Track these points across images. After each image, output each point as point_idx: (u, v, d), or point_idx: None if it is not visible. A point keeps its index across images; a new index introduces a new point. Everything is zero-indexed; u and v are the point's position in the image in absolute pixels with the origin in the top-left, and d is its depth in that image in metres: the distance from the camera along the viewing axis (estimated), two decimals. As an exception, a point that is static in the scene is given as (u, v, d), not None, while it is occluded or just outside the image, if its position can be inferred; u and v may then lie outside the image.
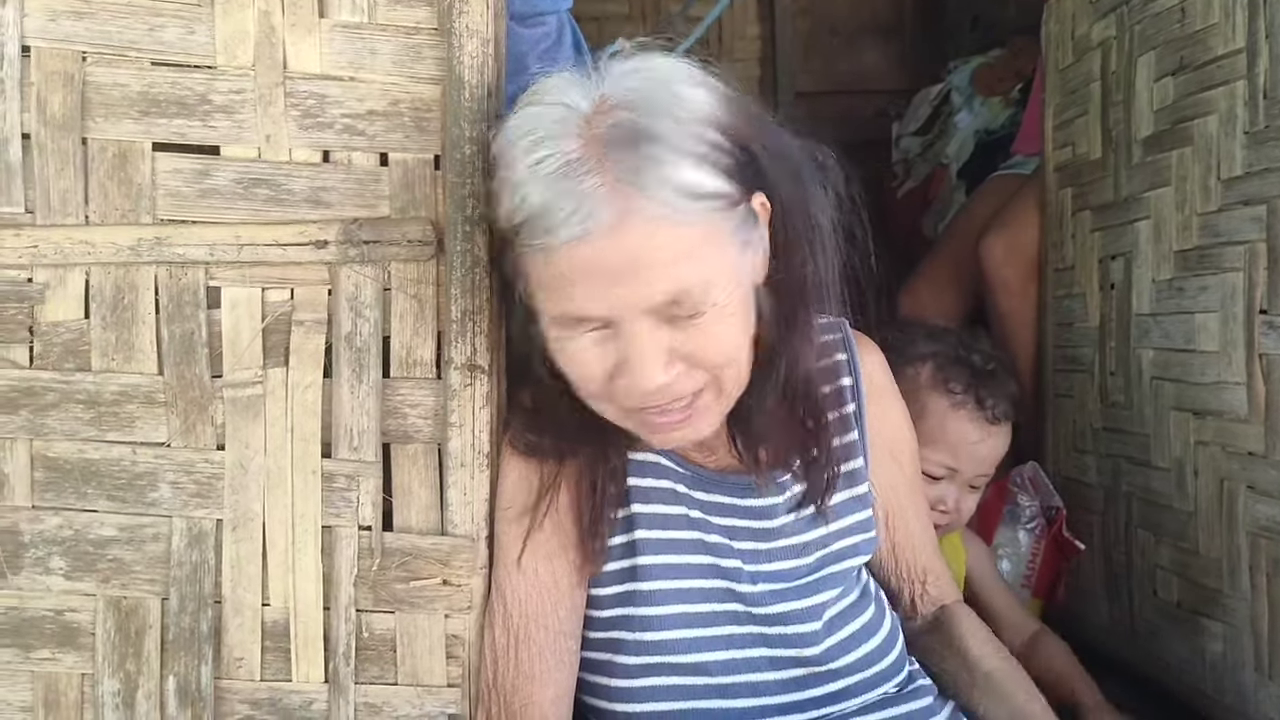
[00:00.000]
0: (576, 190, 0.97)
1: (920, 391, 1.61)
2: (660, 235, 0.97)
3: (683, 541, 1.20)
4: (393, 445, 1.19)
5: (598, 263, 0.97)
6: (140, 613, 1.18)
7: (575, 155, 0.98)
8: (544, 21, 1.55)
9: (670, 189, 0.96)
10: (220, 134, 1.17)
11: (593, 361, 1.04)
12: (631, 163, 0.96)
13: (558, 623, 1.17)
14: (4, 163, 1.16)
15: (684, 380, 1.04)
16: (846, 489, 1.26)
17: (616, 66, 1.04)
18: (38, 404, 1.17)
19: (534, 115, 1.03)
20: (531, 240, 1.00)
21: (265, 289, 1.18)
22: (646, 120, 0.98)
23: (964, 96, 2.99)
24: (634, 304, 0.99)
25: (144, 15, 1.16)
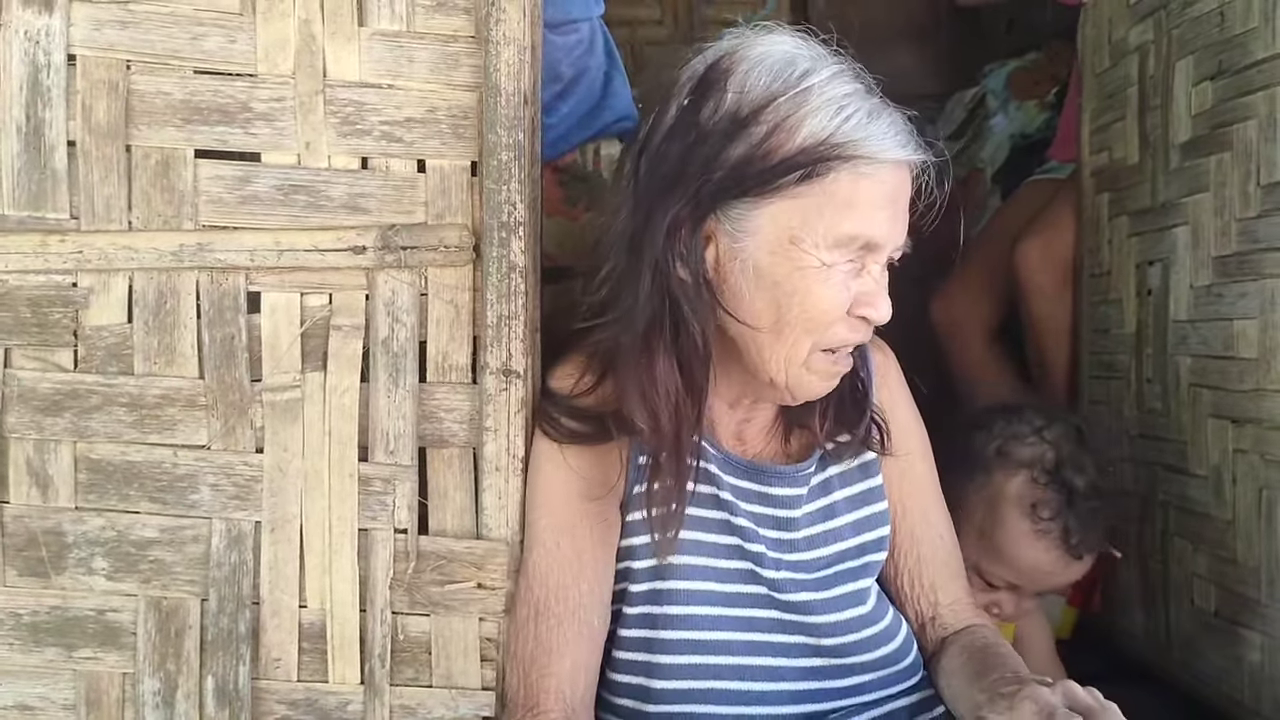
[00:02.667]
0: (898, 122, 1.10)
1: (1003, 503, 1.50)
2: (910, 187, 1.13)
3: (711, 521, 1.23)
4: (428, 449, 1.21)
5: (898, 192, 1.10)
6: (180, 613, 1.20)
7: (875, 96, 1.11)
8: (576, 29, 1.57)
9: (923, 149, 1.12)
10: (261, 141, 1.19)
11: (843, 291, 1.11)
12: (904, 120, 1.11)
13: (578, 596, 1.18)
14: (50, 169, 1.18)
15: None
16: (861, 481, 1.28)
17: (805, 41, 1.14)
18: (81, 407, 1.19)
19: (811, 54, 1.12)
20: (857, 153, 1.06)
21: (304, 294, 1.20)
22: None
23: (999, 100, 2.97)
24: (896, 239, 1.12)
25: (187, 24, 1.18)
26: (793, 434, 1.28)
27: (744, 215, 1.10)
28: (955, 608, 1.32)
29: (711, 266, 1.13)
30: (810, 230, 1.08)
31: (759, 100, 1.09)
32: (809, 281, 1.09)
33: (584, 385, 1.21)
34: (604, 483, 1.20)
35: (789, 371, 1.14)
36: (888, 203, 1.09)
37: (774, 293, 1.11)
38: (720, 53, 1.13)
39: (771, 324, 1.12)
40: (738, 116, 1.09)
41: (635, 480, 1.21)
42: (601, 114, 1.59)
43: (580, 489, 1.19)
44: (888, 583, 1.34)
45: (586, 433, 1.19)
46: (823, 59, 1.12)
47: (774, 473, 1.24)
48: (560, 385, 1.23)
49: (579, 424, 1.19)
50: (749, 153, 1.08)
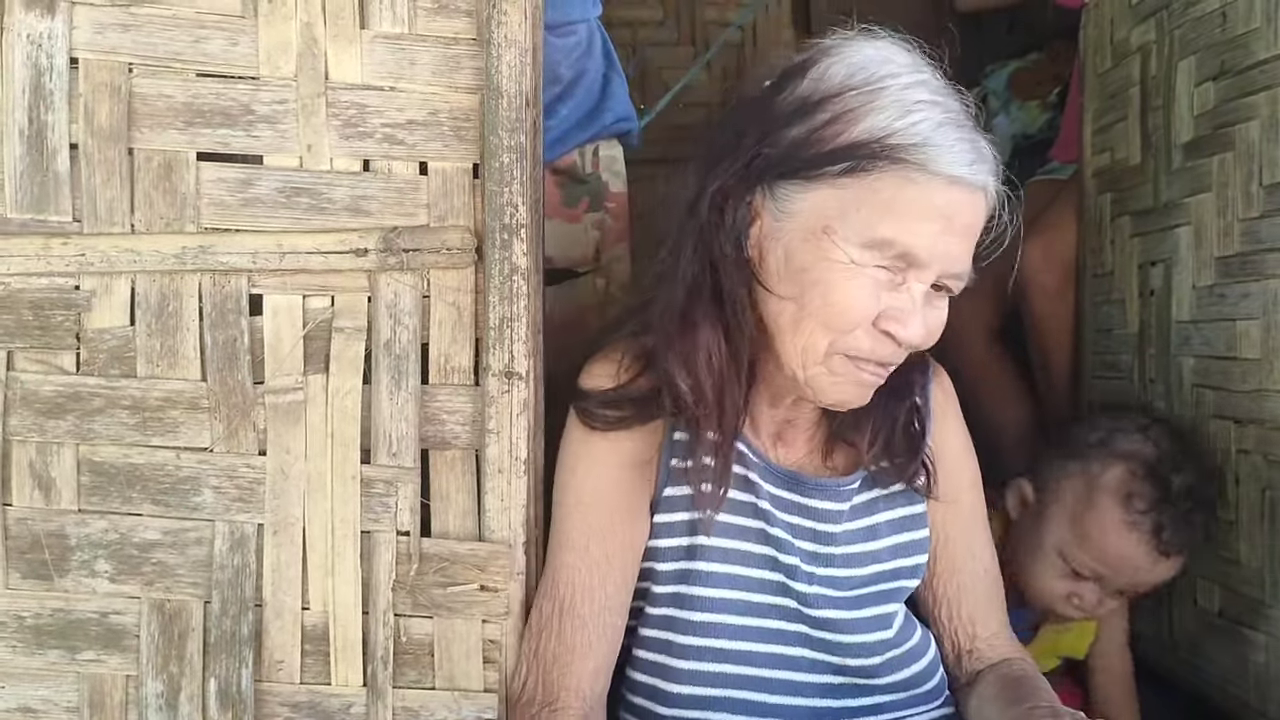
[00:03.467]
0: (976, 141, 1.07)
1: (1098, 490, 1.51)
2: (984, 219, 1.09)
3: (747, 529, 1.22)
4: (431, 451, 1.21)
5: (955, 211, 1.06)
6: (183, 615, 1.20)
7: (960, 116, 1.08)
8: (574, 31, 1.57)
9: (998, 186, 1.09)
10: (263, 144, 1.19)
11: (869, 295, 1.07)
12: (986, 147, 1.08)
13: (604, 597, 1.18)
14: (52, 172, 1.18)
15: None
16: (904, 506, 1.26)
17: (908, 51, 1.12)
18: (84, 409, 1.20)
19: (905, 62, 1.09)
20: (910, 158, 1.03)
21: (306, 296, 1.20)
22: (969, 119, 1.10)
23: (1001, 101, 2.97)
24: (947, 262, 1.07)
25: (189, 27, 1.18)
26: (837, 448, 1.26)
27: (788, 196, 1.09)
28: (993, 641, 1.30)
29: (753, 243, 1.13)
30: (844, 224, 1.06)
31: (832, 89, 1.08)
32: (834, 275, 1.07)
33: (627, 374, 1.21)
34: (638, 484, 1.20)
35: (806, 367, 1.12)
36: (935, 216, 1.05)
37: (800, 279, 1.09)
38: (818, 45, 1.13)
39: (793, 311, 1.11)
40: (808, 101, 1.08)
41: (666, 482, 1.21)
42: (600, 116, 1.59)
43: (614, 490, 1.19)
44: (925, 611, 1.32)
45: (628, 416, 1.19)
46: (916, 68, 1.09)
47: (815, 485, 1.23)
48: (600, 382, 1.22)
49: (618, 409, 1.19)
50: (805, 136, 1.08)
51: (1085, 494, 1.50)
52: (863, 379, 1.13)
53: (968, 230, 1.08)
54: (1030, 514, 1.59)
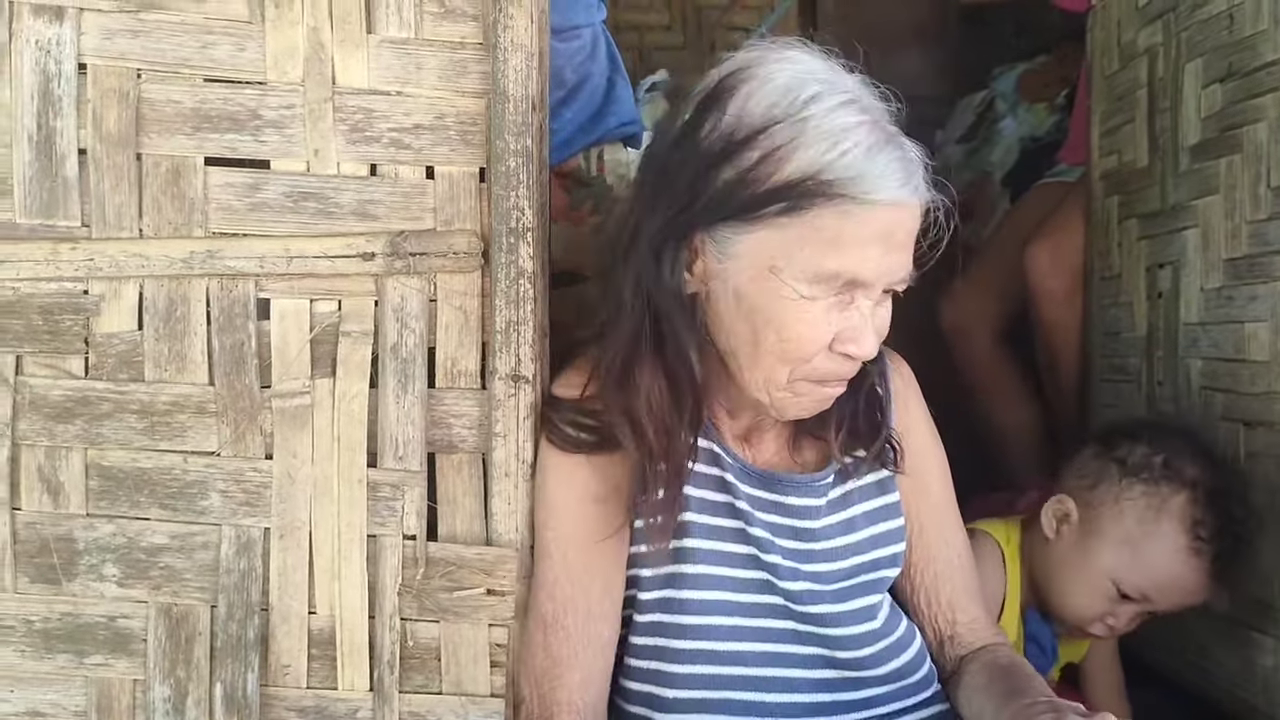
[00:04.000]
0: (905, 155, 1.06)
1: (1164, 514, 1.46)
2: (919, 221, 1.09)
3: (727, 530, 1.22)
4: (438, 455, 1.21)
5: (894, 229, 1.06)
6: (190, 620, 1.21)
7: (885, 128, 1.07)
8: (579, 35, 1.57)
9: (928, 186, 1.08)
10: (270, 148, 1.19)
11: (822, 325, 1.08)
12: (914, 154, 1.07)
13: (588, 607, 1.18)
14: (61, 178, 1.19)
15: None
16: (878, 496, 1.27)
17: (824, 61, 1.11)
18: (93, 414, 1.20)
19: (824, 79, 1.08)
20: (846, 191, 1.03)
21: (313, 300, 1.20)
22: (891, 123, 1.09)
23: (1008, 103, 2.96)
24: (891, 275, 1.08)
25: (196, 33, 1.18)
26: (805, 443, 1.26)
27: (728, 239, 1.09)
28: (973, 626, 1.32)
29: (698, 282, 1.13)
30: (790, 262, 1.06)
31: (756, 124, 1.06)
32: (786, 313, 1.08)
33: (592, 390, 1.20)
34: (612, 491, 1.19)
35: (770, 394, 1.13)
36: (877, 241, 1.06)
37: (752, 319, 1.10)
38: (733, 67, 1.11)
39: (749, 348, 1.11)
40: (732, 139, 1.07)
41: None
42: (605, 119, 1.59)
43: (588, 499, 1.19)
44: (904, 600, 1.33)
45: (592, 441, 1.18)
46: (835, 84, 1.08)
47: (790, 482, 1.23)
48: (566, 393, 1.22)
49: (585, 433, 1.19)
50: (737, 177, 1.07)
51: (1148, 519, 1.46)
52: (826, 394, 1.15)
53: (908, 240, 1.09)
54: (1073, 532, 1.53)
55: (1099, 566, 1.49)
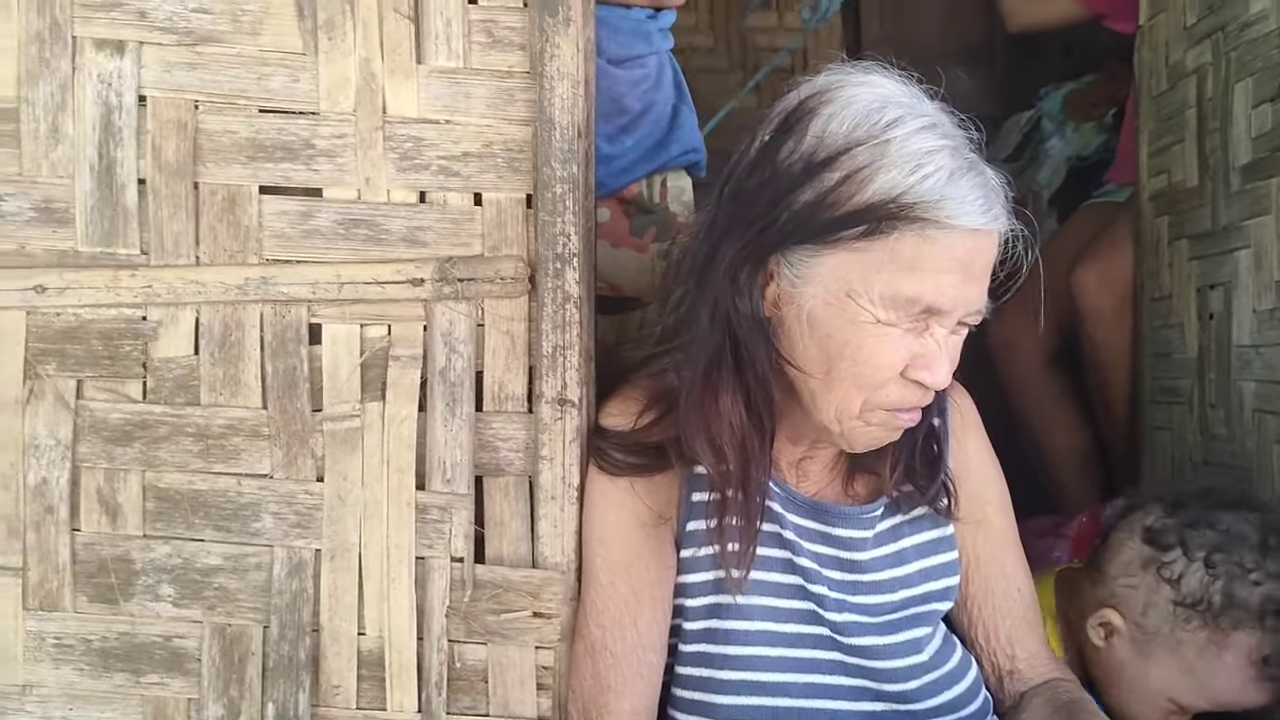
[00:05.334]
0: (987, 182, 1.06)
1: (1226, 651, 1.35)
2: (997, 251, 1.09)
3: (773, 560, 1.21)
4: (485, 478, 1.22)
5: (974, 257, 1.06)
6: (243, 640, 1.23)
7: (965, 154, 1.07)
8: (643, 64, 1.58)
9: (1008, 215, 1.08)
10: (323, 177, 1.22)
11: (897, 351, 1.07)
12: (996, 181, 1.07)
13: (636, 635, 1.18)
14: (121, 207, 1.22)
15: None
16: (930, 529, 1.26)
17: (905, 85, 1.11)
18: (150, 437, 1.23)
19: (905, 103, 1.08)
20: (926, 215, 1.03)
21: (364, 325, 1.22)
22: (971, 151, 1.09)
23: (1055, 123, 2.95)
24: (968, 304, 1.08)
25: (252, 65, 1.21)
26: (857, 477, 1.25)
27: (804, 261, 1.09)
28: (1033, 661, 1.29)
29: (770, 306, 1.13)
30: (867, 287, 1.05)
31: (837, 146, 1.06)
32: (861, 337, 1.07)
33: (645, 420, 1.21)
34: (659, 517, 1.20)
35: (843, 423, 1.12)
36: (956, 268, 1.05)
37: (826, 344, 1.09)
38: (813, 90, 1.12)
39: (823, 373, 1.10)
40: (812, 160, 1.07)
41: (689, 517, 1.22)
42: (668, 147, 1.60)
43: (635, 525, 1.19)
44: (962, 633, 1.31)
45: (643, 464, 1.19)
46: (916, 108, 1.08)
47: (838, 513, 1.22)
48: (616, 422, 1.23)
49: (635, 456, 1.19)
50: (816, 199, 1.06)
51: (1211, 655, 1.36)
52: (898, 424, 1.13)
53: (985, 271, 1.08)
54: (1124, 644, 1.42)
55: (1156, 688, 1.40)
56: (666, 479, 1.20)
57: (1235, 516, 1.38)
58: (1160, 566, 1.37)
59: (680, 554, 1.22)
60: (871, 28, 3.38)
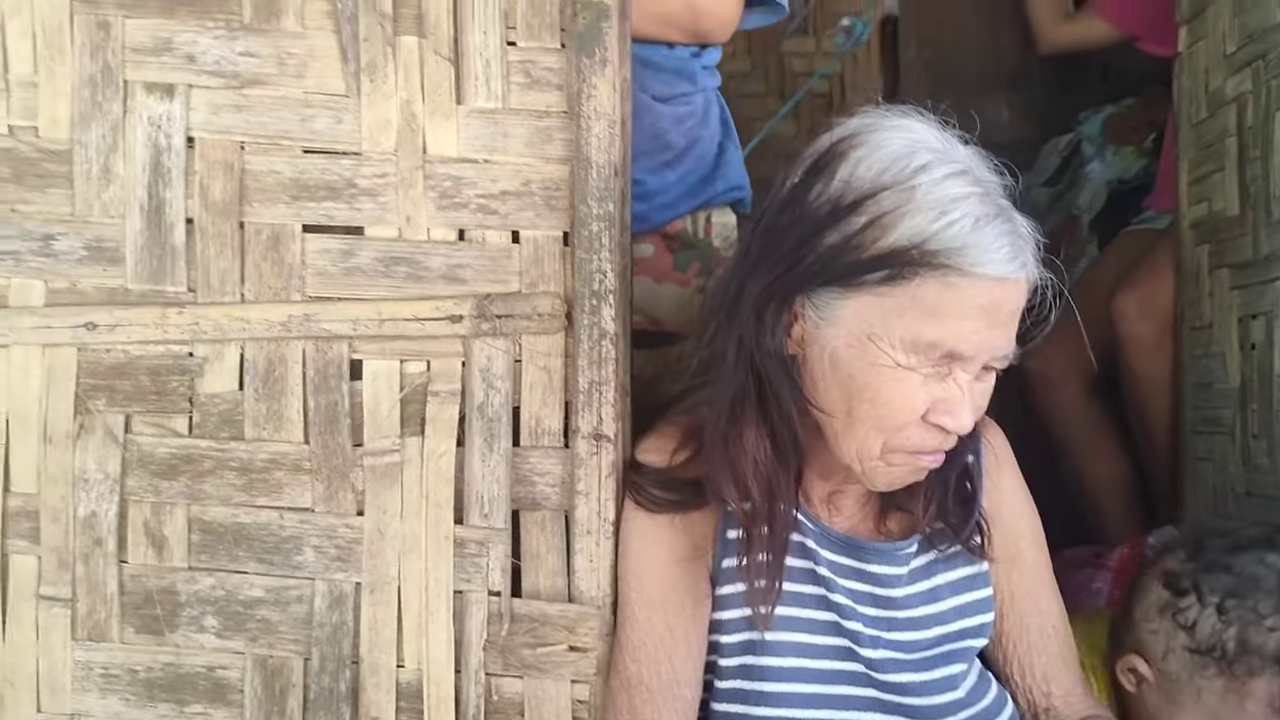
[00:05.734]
0: (1015, 230, 1.06)
1: (1247, 700, 1.31)
2: (1026, 299, 1.09)
3: (807, 596, 1.21)
4: (521, 512, 1.23)
5: (998, 305, 1.05)
6: (285, 671, 1.25)
7: (996, 201, 1.07)
8: (688, 101, 1.59)
9: (1037, 263, 1.08)
10: (364, 216, 1.24)
11: (917, 395, 1.08)
12: (1025, 229, 1.07)
13: (671, 671, 1.19)
14: (170, 246, 1.25)
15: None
16: (964, 566, 1.25)
17: (937, 130, 1.12)
18: (196, 470, 1.25)
19: (936, 148, 1.08)
20: (950, 262, 1.03)
21: (404, 361, 1.24)
22: (1003, 198, 1.09)
23: (1095, 146, 2.94)
24: (992, 350, 1.08)
25: (297, 107, 1.24)
26: (890, 513, 1.26)
27: (829, 303, 1.09)
28: (1069, 699, 1.28)
29: (795, 345, 1.14)
30: (889, 331, 1.06)
31: (864, 190, 1.07)
32: (881, 380, 1.07)
33: (682, 456, 1.22)
34: (695, 552, 1.21)
35: (863, 462, 1.13)
36: (979, 314, 1.05)
37: (848, 384, 1.10)
38: (844, 133, 1.12)
39: (844, 414, 1.11)
40: (840, 203, 1.08)
41: (724, 554, 1.22)
42: (713, 183, 1.60)
43: (672, 560, 1.20)
44: (997, 670, 1.30)
45: (680, 500, 1.20)
46: (947, 154, 1.08)
47: (872, 550, 1.23)
48: (653, 458, 1.24)
49: (672, 493, 1.20)
50: (841, 242, 1.07)
51: (1232, 701, 1.32)
52: (919, 466, 1.14)
53: (1011, 317, 1.08)
54: (1152, 692, 1.39)
55: None
56: (703, 515, 1.21)
57: (1253, 559, 1.35)
58: (1176, 612, 1.35)
59: (715, 590, 1.22)
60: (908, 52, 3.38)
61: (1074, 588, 1.80)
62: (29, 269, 1.26)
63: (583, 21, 1.19)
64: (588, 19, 1.19)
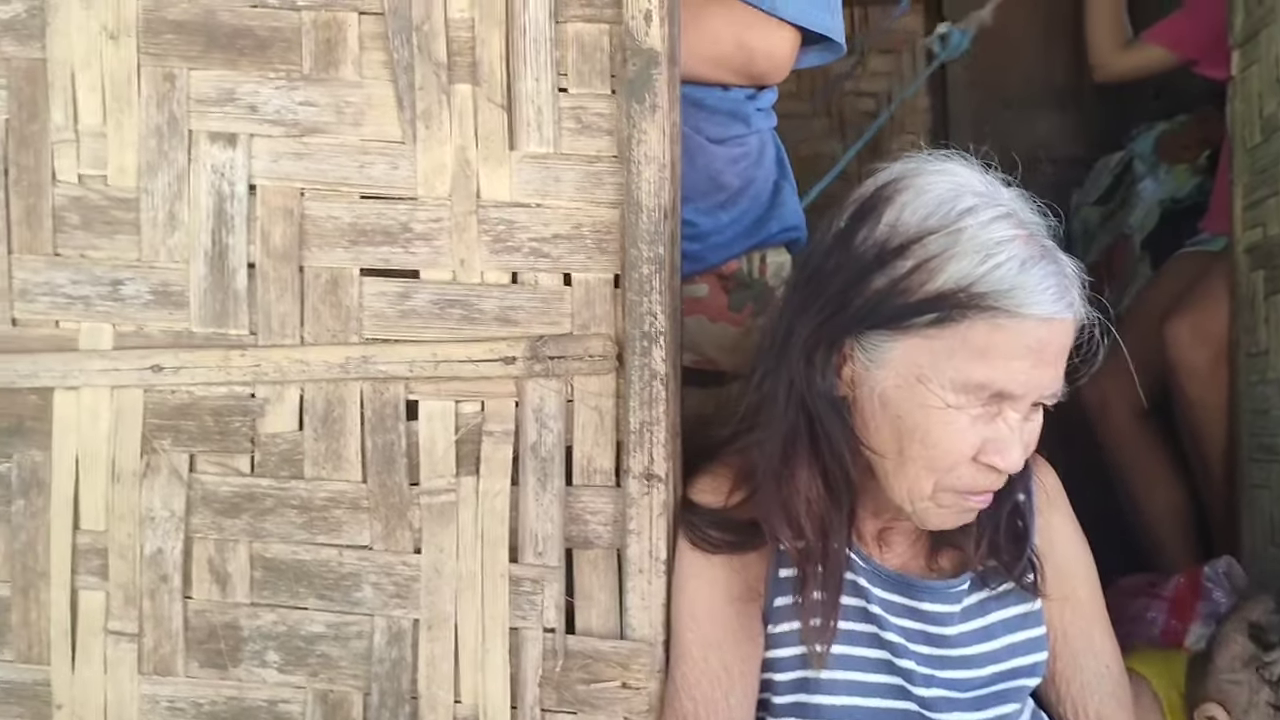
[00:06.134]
0: (1061, 270, 1.08)
1: None
2: (1074, 336, 1.09)
3: (860, 634, 1.22)
4: (574, 550, 1.25)
5: (1046, 344, 1.06)
6: (345, 706, 1.27)
7: (1041, 242, 1.09)
8: (743, 142, 1.59)
9: (1083, 302, 1.10)
10: (420, 259, 1.27)
11: (967, 436, 1.09)
12: (1070, 269, 1.09)
13: (727, 710, 1.20)
14: (232, 290, 1.29)
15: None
16: (1018, 604, 1.25)
17: (981, 174, 1.14)
18: (257, 509, 1.29)
19: (980, 191, 1.10)
20: (997, 304, 1.05)
21: (458, 402, 1.27)
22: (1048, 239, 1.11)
23: (1148, 165, 2.90)
24: (1041, 389, 1.08)
25: (354, 154, 1.27)
26: (941, 550, 1.26)
27: (877, 345, 1.11)
28: None
29: (845, 386, 1.15)
30: (938, 372, 1.07)
31: (910, 234, 1.09)
32: (931, 421, 1.09)
33: (736, 498, 1.23)
34: (749, 592, 1.22)
35: (914, 503, 1.14)
36: (1027, 354, 1.06)
37: (898, 425, 1.11)
38: (889, 177, 1.14)
39: (895, 454, 1.12)
40: (886, 247, 1.10)
41: (776, 593, 1.23)
42: (768, 224, 1.61)
43: (726, 600, 1.21)
44: (1049, 708, 1.30)
45: (735, 541, 1.21)
46: (992, 197, 1.10)
47: (924, 588, 1.23)
48: (708, 499, 1.25)
49: (728, 533, 1.22)
50: (888, 286, 1.09)
51: None
52: (969, 506, 1.14)
53: (1059, 356, 1.09)
54: None
55: None
56: (756, 555, 1.22)
57: None
58: (1261, 666, 1.35)
59: (768, 629, 1.23)
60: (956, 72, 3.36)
61: (1129, 617, 1.79)
62: (98, 313, 1.30)
63: (633, 68, 1.21)
64: (637, 66, 1.21)
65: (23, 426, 1.31)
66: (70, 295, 1.30)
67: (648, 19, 1.20)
